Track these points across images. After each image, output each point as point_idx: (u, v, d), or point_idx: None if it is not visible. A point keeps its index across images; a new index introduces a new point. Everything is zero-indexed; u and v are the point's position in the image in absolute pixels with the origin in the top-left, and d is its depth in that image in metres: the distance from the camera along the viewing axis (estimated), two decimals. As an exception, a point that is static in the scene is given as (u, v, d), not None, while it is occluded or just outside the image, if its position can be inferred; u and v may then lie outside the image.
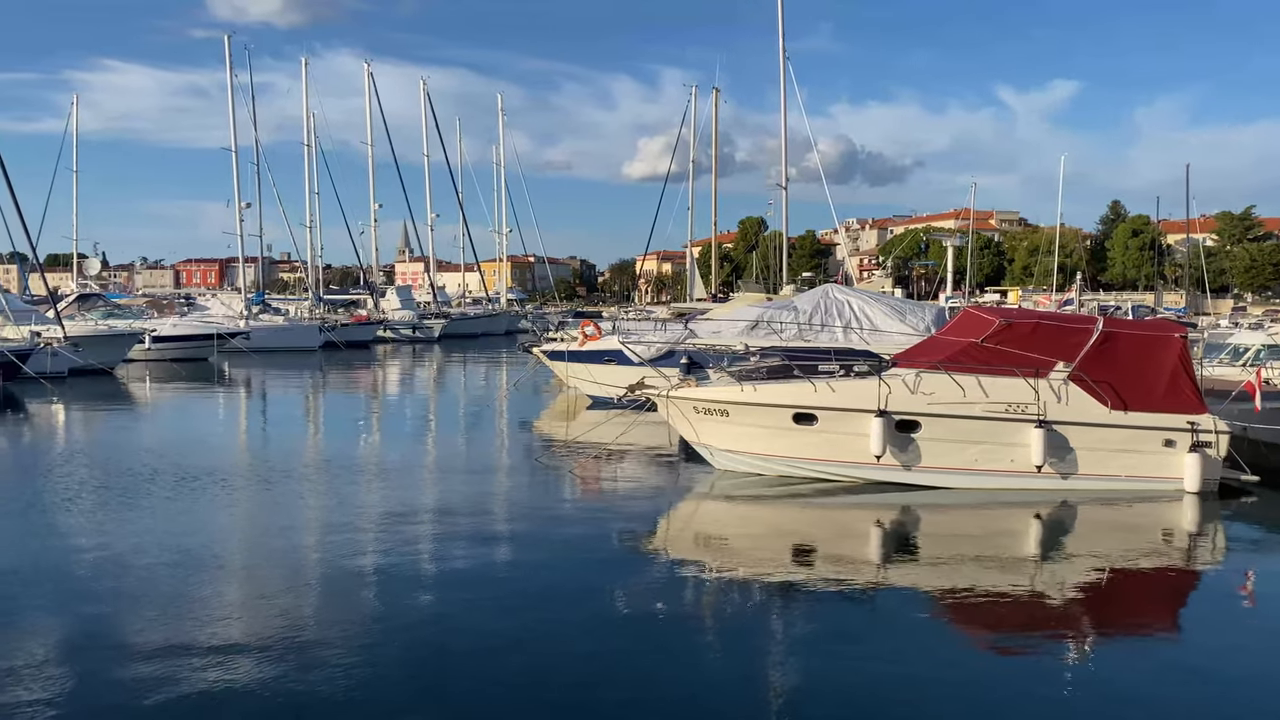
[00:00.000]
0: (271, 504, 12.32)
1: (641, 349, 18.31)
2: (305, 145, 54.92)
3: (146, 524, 11.08)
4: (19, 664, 6.74)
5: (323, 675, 6.57)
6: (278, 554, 9.95)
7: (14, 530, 10.84)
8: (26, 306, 34.96)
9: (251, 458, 16.48)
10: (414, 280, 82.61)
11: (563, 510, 12.27)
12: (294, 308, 54.01)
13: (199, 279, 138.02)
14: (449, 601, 8.21)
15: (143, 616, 7.77)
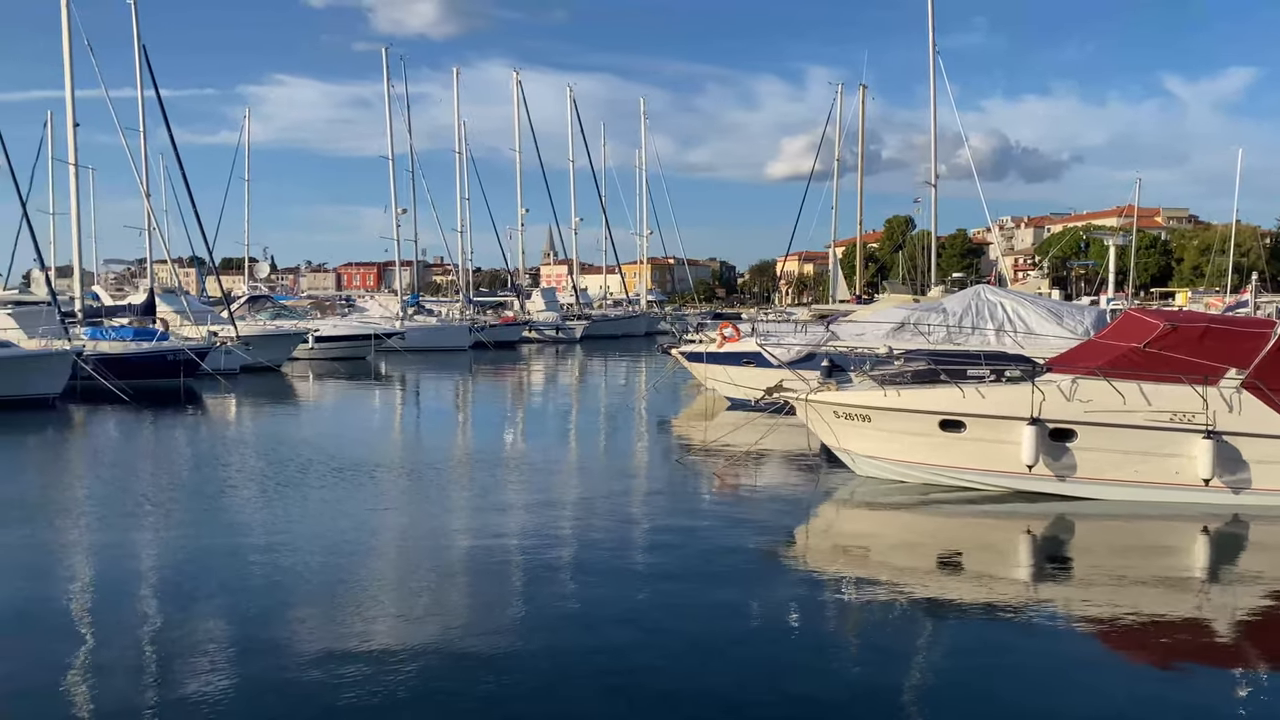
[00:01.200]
0: (421, 496, 12.84)
1: (780, 351, 18.13)
2: (456, 153, 56.92)
3: (308, 511, 11.75)
4: (187, 645, 7.27)
5: (464, 669, 6.80)
6: (426, 545, 10.35)
7: (191, 513, 11.70)
8: (204, 307, 37.56)
9: (405, 451, 17.22)
10: (558, 282, 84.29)
11: (700, 513, 12.28)
12: (446, 309, 56.05)
13: (358, 281, 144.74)
14: (589, 601, 8.29)
15: (302, 601, 8.24)
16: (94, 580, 9.21)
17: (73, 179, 31.70)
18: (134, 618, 7.97)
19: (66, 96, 30.80)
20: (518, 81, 59.57)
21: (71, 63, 30.50)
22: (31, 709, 6.11)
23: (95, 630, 7.68)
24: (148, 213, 35.06)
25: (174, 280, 43.28)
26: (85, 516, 11.84)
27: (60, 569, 9.56)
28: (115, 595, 8.60)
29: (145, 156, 35.17)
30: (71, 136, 31.07)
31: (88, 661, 6.97)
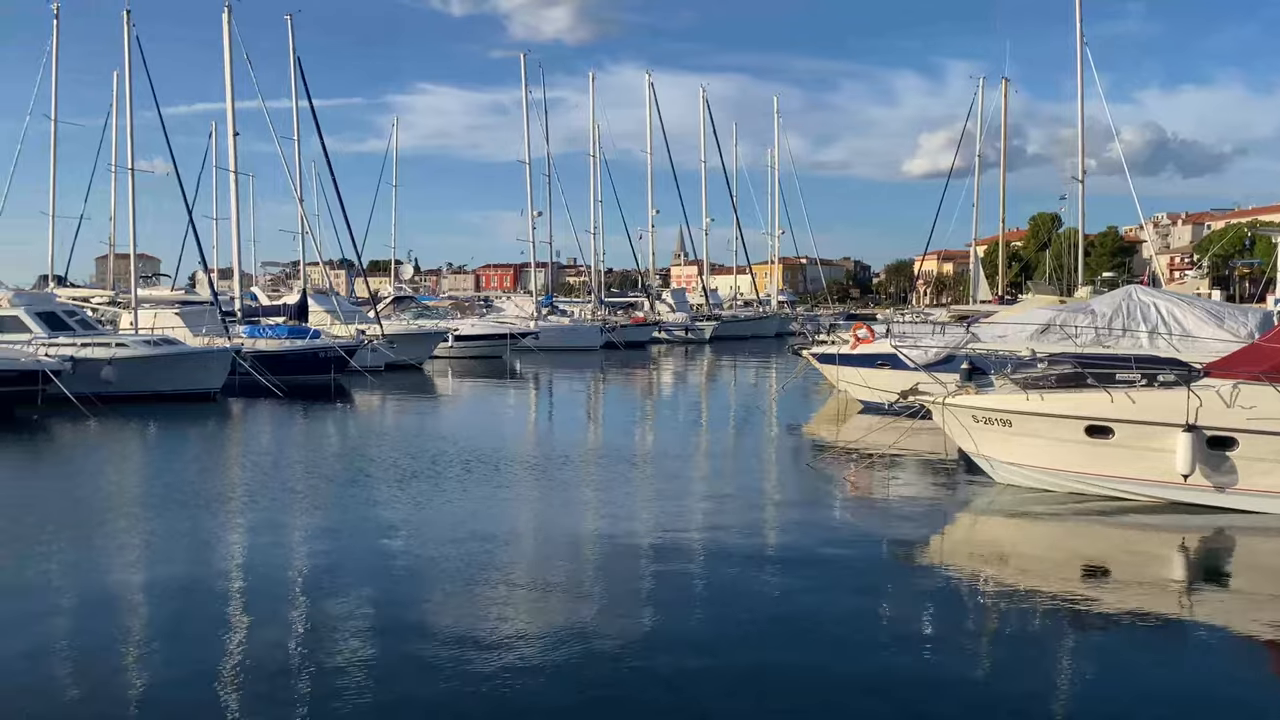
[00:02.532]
0: (554, 491, 13.11)
1: (917, 353, 17.66)
2: (591, 156, 57.79)
3: (448, 501, 12.18)
4: (330, 627, 7.64)
5: (595, 661, 6.91)
6: (557, 539, 10.57)
7: (339, 500, 12.30)
8: (353, 307, 39.36)
9: (539, 447, 17.61)
10: (688, 283, 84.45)
11: (832, 517, 12.10)
12: (578, 310, 57.03)
13: (496, 283, 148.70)
14: (714, 603, 8.28)
15: (440, 588, 8.54)
16: (248, 563, 9.78)
17: (233, 186, 33.78)
18: (284, 599, 8.44)
19: (228, 108, 32.85)
20: (650, 84, 60.09)
21: (232, 77, 32.50)
22: (188, 683, 6.54)
23: (246, 611, 8.17)
24: (301, 217, 37.06)
25: (326, 281, 45.57)
26: (242, 503, 12.60)
27: (218, 551, 10.20)
28: (267, 577, 9.12)
29: (299, 164, 37.16)
30: (232, 146, 33.11)
31: (239, 641, 7.42)
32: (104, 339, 25.08)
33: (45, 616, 7.94)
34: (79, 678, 6.65)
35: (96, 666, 6.80)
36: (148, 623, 7.88)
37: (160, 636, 7.48)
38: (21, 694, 6.33)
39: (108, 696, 6.31)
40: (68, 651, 7.18)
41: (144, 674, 6.76)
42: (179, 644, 7.26)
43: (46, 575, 9.14)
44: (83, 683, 6.56)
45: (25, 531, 10.64)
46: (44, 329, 24.96)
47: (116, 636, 7.45)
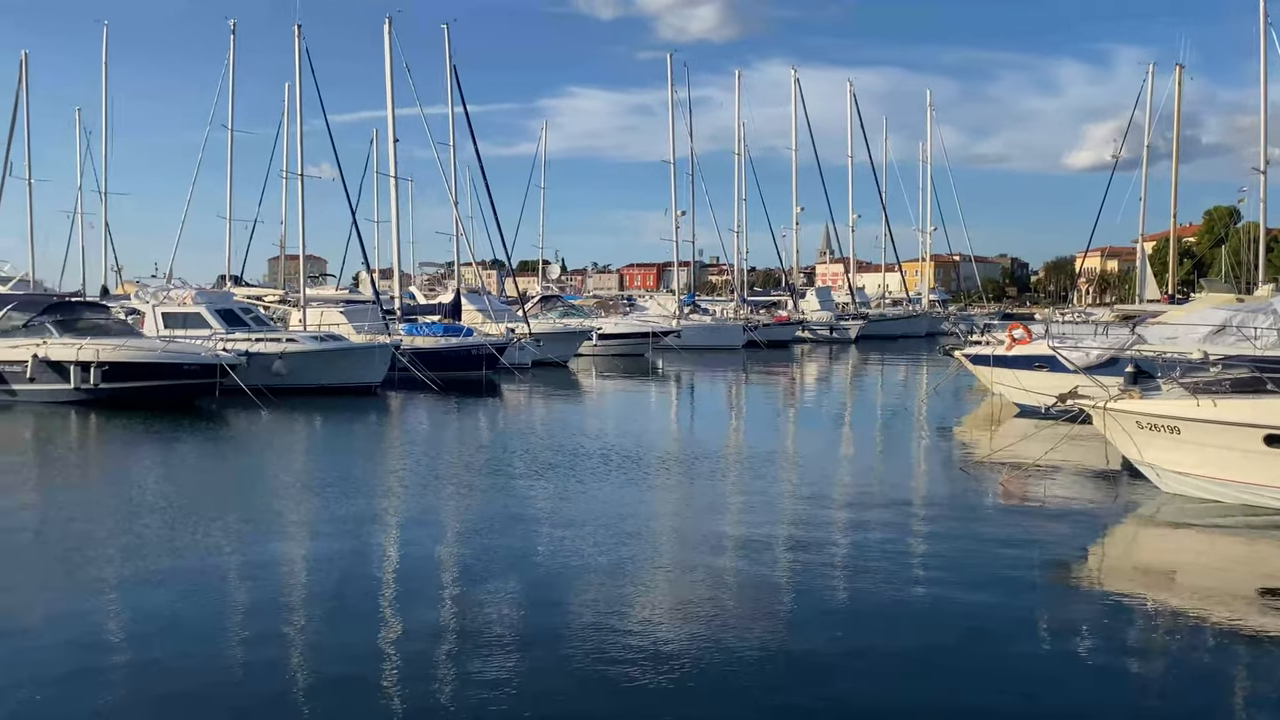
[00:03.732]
0: (695, 488, 13.19)
1: (1077, 355, 16.86)
2: (735, 154, 57.61)
3: (593, 495, 12.42)
4: (478, 614, 7.93)
5: (732, 663, 6.93)
6: (697, 537, 10.61)
7: (490, 491, 12.74)
8: (503, 306, 40.57)
9: (680, 444, 17.73)
10: (833, 281, 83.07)
11: (984, 525, 11.67)
12: (720, 308, 56.97)
13: (639, 281, 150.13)
14: (856, 613, 8.10)
15: (585, 580, 8.71)
16: (405, 548, 10.27)
17: (393, 190, 35.38)
18: (435, 585, 8.81)
19: (388, 116, 34.41)
20: (796, 79, 59.43)
21: (393, 85, 34.03)
22: (350, 663, 6.93)
23: (401, 595, 8.57)
24: (456, 220, 38.45)
25: (478, 281, 47.14)
26: (401, 490, 13.24)
27: (376, 537, 10.74)
28: (421, 563, 9.56)
29: (454, 168, 38.56)
30: (392, 152, 34.67)
31: (392, 624, 7.80)
32: (276, 335, 26.73)
33: (223, 587, 8.57)
34: (240, 649, 7.15)
35: (258, 641, 7.29)
36: (308, 600, 8.39)
37: (318, 613, 7.95)
38: (188, 659, 6.85)
39: (267, 671, 6.75)
40: (232, 621, 7.72)
41: (299, 650, 7.19)
42: (334, 622, 7.70)
43: (223, 552, 9.83)
44: (242, 657, 7.05)
45: (206, 511, 11.48)
46: (222, 325, 26.81)
47: (277, 612, 7.96)
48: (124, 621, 7.83)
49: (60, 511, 12.04)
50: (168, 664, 6.82)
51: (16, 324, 23.22)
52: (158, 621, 7.69)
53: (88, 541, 10.15)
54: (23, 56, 40.02)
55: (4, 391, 22.54)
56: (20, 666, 6.77)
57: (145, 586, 8.68)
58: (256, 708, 6.16)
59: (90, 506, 12.26)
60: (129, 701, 6.26)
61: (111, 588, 8.68)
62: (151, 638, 7.36)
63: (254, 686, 6.48)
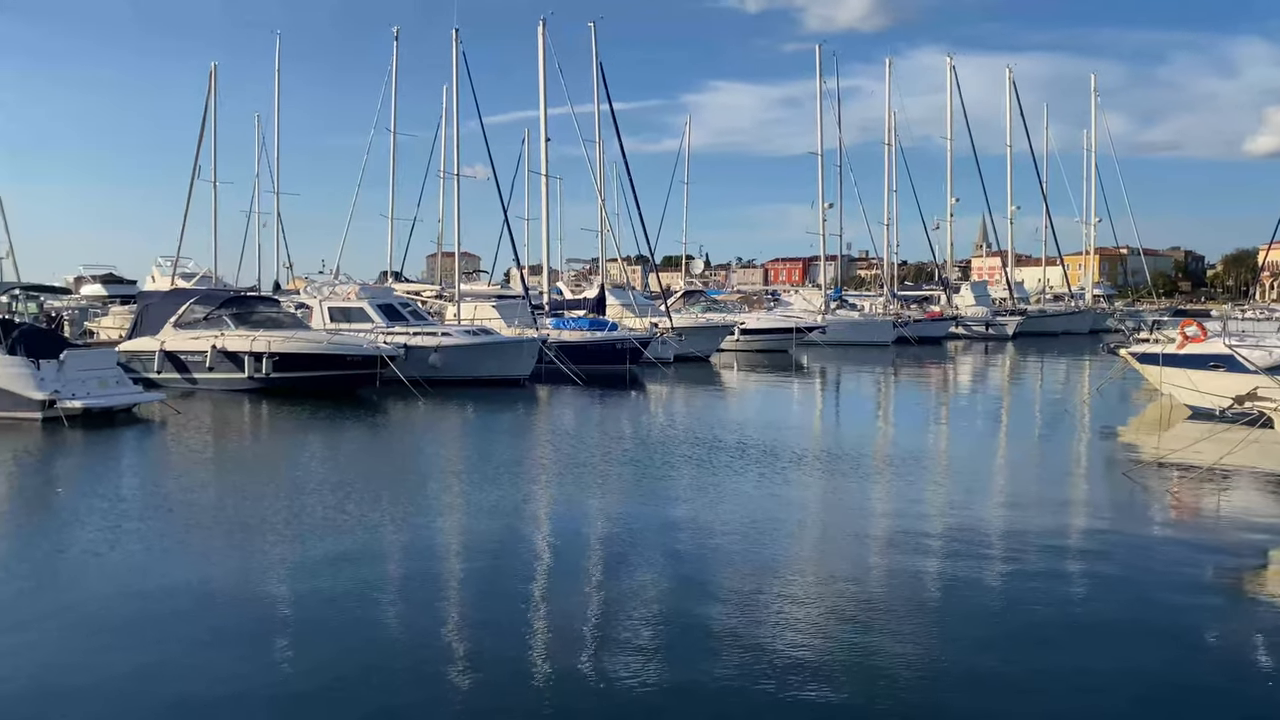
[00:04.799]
0: (839, 486, 12.95)
1: (1259, 354, 15.67)
2: (885, 145, 56.24)
3: (732, 490, 12.38)
4: (615, 601, 8.03)
5: (874, 668, 6.79)
6: (840, 536, 10.43)
7: (631, 482, 12.90)
8: (646, 301, 40.97)
9: (823, 441, 17.45)
10: (989, 275, 79.99)
11: (1151, 536, 10.99)
12: (869, 303, 55.76)
13: (784, 276, 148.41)
14: (1011, 624, 7.70)
15: (723, 574, 8.70)
16: (551, 536, 10.51)
17: (544, 188, 36.28)
18: (579, 572, 8.98)
19: (540, 116, 35.29)
20: (951, 67, 57.46)
21: (545, 85, 34.83)
22: (487, 638, 7.15)
23: (544, 576, 8.79)
24: (601, 216, 39.08)
25: (622, 276, 47.73)
26: (548, 477, 13.57)
27: (525, 522, 11.04)
28: (566, 551, 9.77)
29: (600, 165, 39.18)
30: (544, 151, 35.53)
31: (534, 604, 8.00)
32: (432, 329, 27.86)
33: (383, 562, 9.01)
34: (390, 619, 7.49)
35: (418, 618, 7.62)
36: (462, 579, 8.71)
37: (468, 592, 8.25)
38: (346, 630, 7.22)
39: (427, 643, 7.04)
40: (389, 598, 8.10)
41: (453, 626, 7.47)
42: (484, 601, 7.96)
43: (385, 534, 10.32)
44: (404, 632, 7.38)
45: (371, 491, 12.09)
46: (383, 319, 28.11)
47: (432, 587, 8.30)
48: (296, 588, 8.33)
49: (243, 488, 12.92)
50: (338, 628, 7.23)
51: (198, 317, 25.01)
52: (336, 587, 8.16)
53: (268, 513, 10.87)
54: (211, 68, 43.04)
55: (186, 379, 24.33)
56: (205, 624, 7.31)
57: (324, 560, 9.21)
58: (410, 681, 6.45)
59: (270, 484, 13.12)
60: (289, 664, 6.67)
61: (287, 559, 9.26)
62: (330, 603, 7.82)
63: (405, 660, 6.79)
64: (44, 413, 18.07)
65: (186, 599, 8.09)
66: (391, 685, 6.36)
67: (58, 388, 18.32)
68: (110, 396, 19.17)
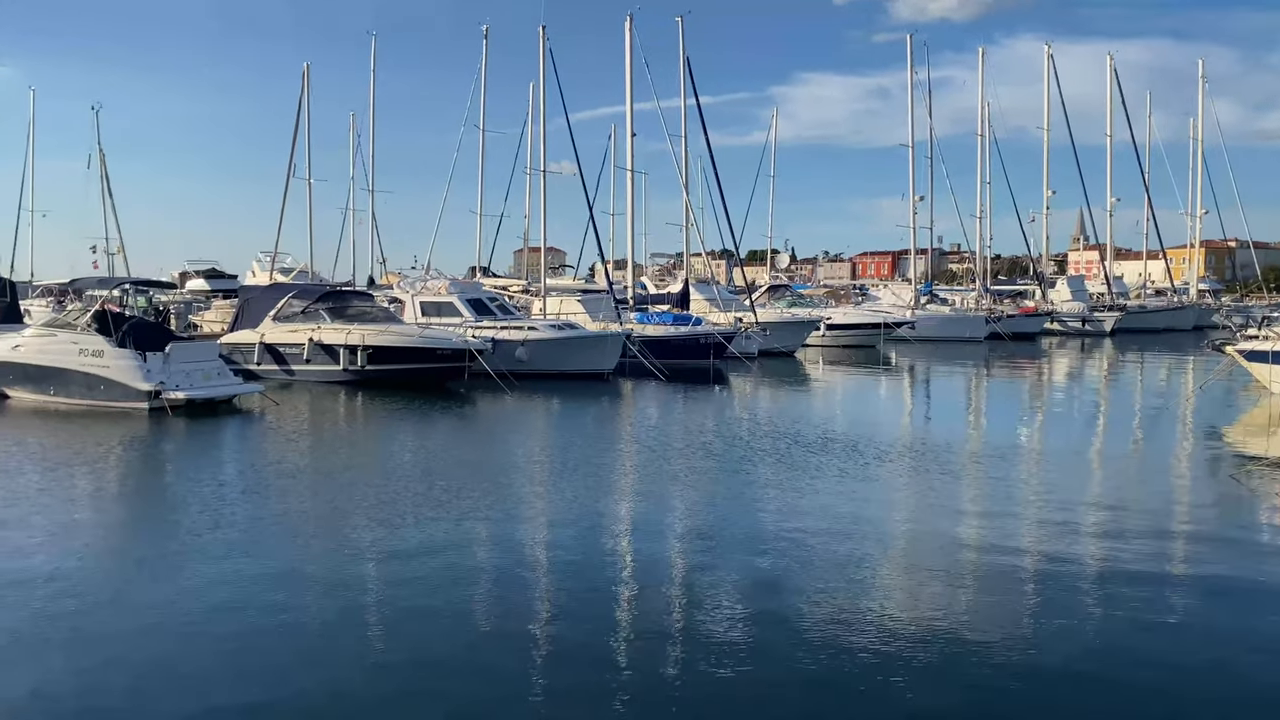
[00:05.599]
0: (927, 485, 12.69)
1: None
2: (979, 135, 54.78)
3: (817, 486, 12.26)
4: (697, 598, 8.03)
5: (965, 675, 6.65)
6: (932, 536, 10.22)
7: (716, 476, 12.88)
8: (731, 296, 40.78)
9: (910, 438, 17.12)
10: (1087, 270, 77.40)
11: (1260, 539, 10.52)
12: (960, 298, 54.53)
13: (873, 270, 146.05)
14: (1109, 636, 7.44)
15: (810, 571, 8.63)
16: (630, 528, 10.56)
17: (629, 183, 36.40)
18: (665, 565, 9.02)
19: (627, 111, 35.41)
20: (1049, 55, 55.65)
21: (632, 81, 34.93)
22: (576, 635, 7.24)
23: (627, 573, 8.84)
24: (686, 210, 38.97)
25: (707, 271, 47.60)
26: (632, 472, 13.66)
27: (610, 514, 11.12)
28: (645, 543, 9.82)
29: (685, 160, 39.06)
30: (630, 146, 35.65)
31: (621, 600, 8.06)
32: (519, 323, 28.26)
33: (472, 549, 9.20)
34: (480, 601, 7.64)
35: (504, 606, 7.75)
36: (549, 570, 8.83)
37: (555, 585, 8.36)
38: (426, 622, 7.39)
39: (512, 631, 7.17)
40: (477, 585, 8.25)
41: (539, 616, 7.59)
42: (570, 592, 8.06)
43: (474, 523, 10.52)
44: (481, 609, 7.52)
45: (459, 483, 12.35)
46: (472, 314, 28.62)
47: (518, 578, 8.43)
48: (386, 574, 8.57)
49: (338, 476, 13.32)
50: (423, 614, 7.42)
51: (296, 310, 25.83)
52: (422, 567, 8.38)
53: (362, 500, 11.21)
54: (304, 69, 44.30)
55: (284, 371, 25.16)
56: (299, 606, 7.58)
57: (416, 547, 9.45)
58: (490, 662, 6.57)
59: (363, 473, 13.51)
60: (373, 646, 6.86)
61: (379, 544, 9.53)
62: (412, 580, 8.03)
63: (489, 641, 6.92)
64: (150, 403, 18.92)
65: (282, 581, 8.39)
66: (477, 671, 6.50)
67: (163, 379, 19.16)
68: (212, 387, 19.96)
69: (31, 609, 7.63)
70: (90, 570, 8.84)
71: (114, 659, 6.76)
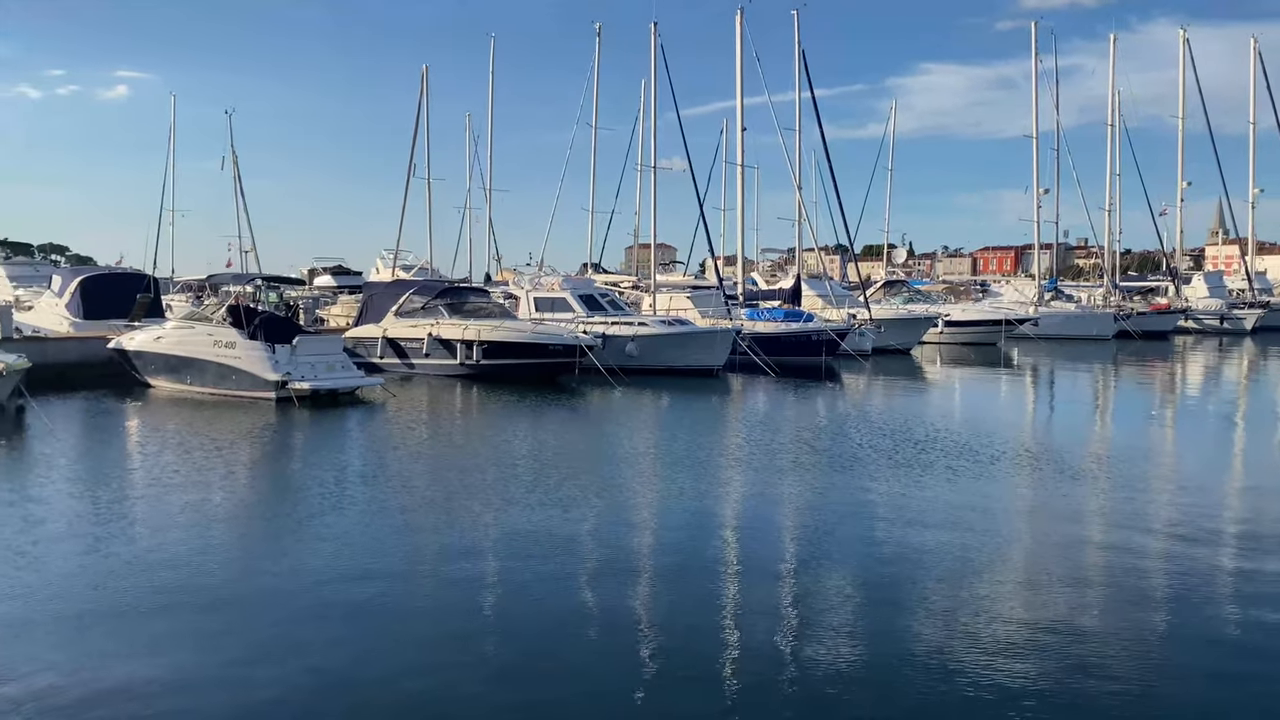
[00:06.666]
0: (1053, 492, 12.23)
1: None
2: (1108, 125, 52.37)
3: (932, 489, 11.95)
4: (814, 600, 7.94)
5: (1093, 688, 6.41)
6: (1048, 542, 9.88)
7: (825, 475, 12.71)
8: (844, 292, 40.11)
9: (1031, 441, 16.52)
10: (1226, 265, 73.08)
11: None
12: (1087, 295, 52.28)
13: (994, 266, 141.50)
14: (1247, 656, 7.09)
15: (928, 573, 8.46)
16: (743, 526, 10.54)
17: (739, 178, 36.23)
18: (771, 565, 8.97)
19: (737, 106, 35.22)
20: (1184, 39, 52.81)
21: (743, 75, 34.74)
22: (687, 626, 7.27)
23: (736, 570, 8.82)
24: (798, 205, 38.57)
25: (820, 266, 46.99)
26: (739, 470, 13.59)
27: (719, 511, 11.12)
28: (757, 542, 9.79)
29: (799, 153, 38.62)
30: (740, 141, 35.45)
31: (727, 598, 8.05)
32: (629, 319, 28.46)
33: (581, 537, 9.35)
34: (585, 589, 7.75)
35: (612, 595, 7.86)
36: (656, 565, 8.89)
37: (663, 579, 8.42)
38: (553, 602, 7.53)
39: (619, 622, 7.25)
40: (587, 574, 8.38)
41: (649, 608, 7.65)
42: (679, 586, 8.11)
43: (584, 512, 10.69)
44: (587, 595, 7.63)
45: (576, 471, 12.57)
46: (583, 309, 28.97)
47: (627, 571, 8.51)
48: (499, 560, 8.80)
49: (453, 465, 13.73)
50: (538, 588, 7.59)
51: (416, 306, 26.66)
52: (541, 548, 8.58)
53: (476, 488, 11.53)
54: (423, 71, 45.59)
55: (405, 364, 26.01)
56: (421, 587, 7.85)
57: (528, 534, 9.68)
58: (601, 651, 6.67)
59: (477, 462, 13.90)
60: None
61: (492, 531, 9.80)
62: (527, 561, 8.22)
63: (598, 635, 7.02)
64: (277, 393, 19.85)
65: (398, 563, 8.73)
66: (586, 659, 6.61)
67: (289, 370, 20.07)
68: (335, 379, 20.80)
69: (170, 579, 8.14)
70: (223, 544, 9.37)
71: (237, 621, 7.16)
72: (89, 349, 23.87)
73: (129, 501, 11.51)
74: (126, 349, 22.73)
